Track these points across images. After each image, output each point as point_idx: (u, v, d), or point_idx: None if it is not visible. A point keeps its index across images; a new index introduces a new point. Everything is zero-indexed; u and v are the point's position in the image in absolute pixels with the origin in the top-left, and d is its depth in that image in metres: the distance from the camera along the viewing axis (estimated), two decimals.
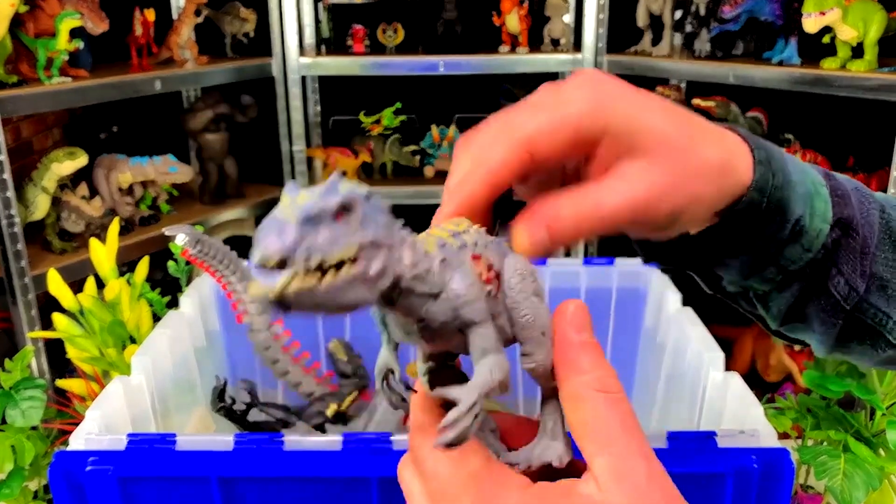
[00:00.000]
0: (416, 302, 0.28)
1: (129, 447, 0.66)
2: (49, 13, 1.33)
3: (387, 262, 0.27)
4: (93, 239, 1.12)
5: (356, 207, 0.26)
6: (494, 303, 0.30)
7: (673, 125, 0.34)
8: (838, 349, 0.41)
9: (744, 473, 0.65)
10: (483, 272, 0.30)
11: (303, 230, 0.24)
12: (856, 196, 0.39)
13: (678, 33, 1.66)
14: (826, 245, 0.37)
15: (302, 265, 0.24)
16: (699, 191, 0.34)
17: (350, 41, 1.74)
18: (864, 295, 0.38)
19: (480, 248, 0.31)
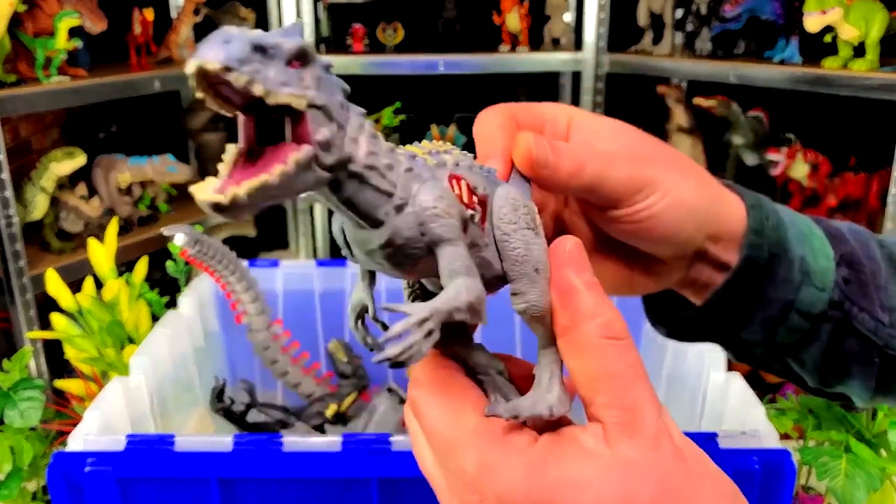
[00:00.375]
0: (371, 197, 0.26)
1: (127, 448, 0.66)
2: (48, 12, 1.33)
3: (335, 136, 0.24)
4: (91, 239, 1.11)
5: (313, 64, 0.24)
6: (479, 231, 0.28)
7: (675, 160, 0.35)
8: (879, 394, 0.39)
9: (745, 474, 0.65)
10: (463, 194, 0.28)
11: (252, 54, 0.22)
12: (850, 234, 0.39)
13: (679, 32, 1.66)
14: (838, 283, 0.37)
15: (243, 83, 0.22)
16: (690, 200, 0.34)
17: (349, 40, 1.74)
18: (891, 329, 0.37)
19: (462, 170, 0.28)
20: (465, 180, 0.28)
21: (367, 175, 0.26)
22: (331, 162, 0.24)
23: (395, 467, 0.66)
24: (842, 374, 0.38)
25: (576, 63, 1.69)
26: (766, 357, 0.39)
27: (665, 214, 0.33)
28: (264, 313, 1.01)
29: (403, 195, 0.26)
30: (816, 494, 1.07)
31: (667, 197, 0.33)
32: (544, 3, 1.73)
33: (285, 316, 1.10)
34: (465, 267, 0.26)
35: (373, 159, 0.26)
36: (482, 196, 0.28)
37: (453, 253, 0.26)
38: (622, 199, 0.33)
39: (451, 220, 0.26)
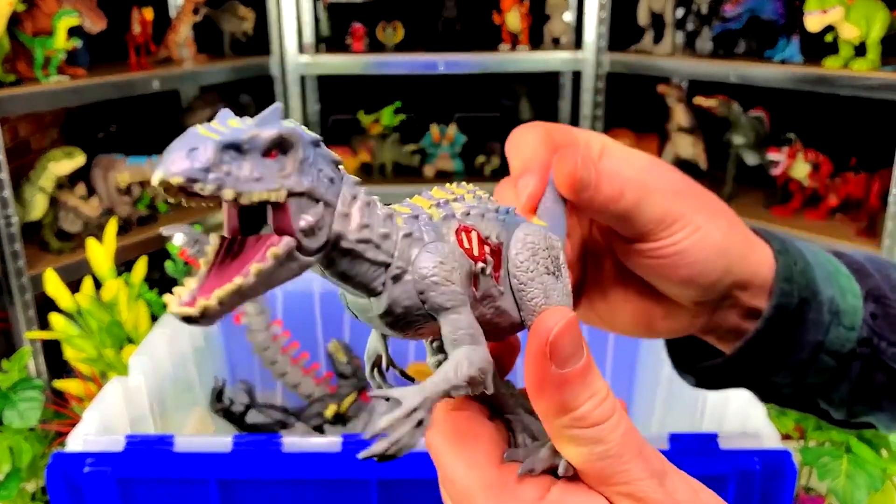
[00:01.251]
0: (365, 270, 0.25)
1: (127, 448, 0.66)
2: (47, 12, 1.33)
3: (321, 218, 0.23)
4: (90, 239, 1.11)
5: (295, 148, 0.23)
6: (491, 282, 0.26)
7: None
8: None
9: (746, 475, 0.64)
10: (473, 247, 0.26)
11: (222, 155, 0.21)
12: (872, 265, 0.38)
13: (680, 32, 1.65)
14: (866, 320, 0.36)
15: (209, 192, 0.21)
16: (718, 241, 0.33)
17: (349, 39, 1.73)
18: None
19: (474, 219, 0.27)
20: (476, 231, 0.27)
21: (359, 249, 0.24)
22: (317, 246, 0.23)
23: (394, 468, 0.65)
24: (870, 407, 0.38)
25: (576, 62, 1.69)
26: (794, 397, 0.38)
27: (691, 252, 0.33)
28: (264, 314, 1.01)
29: (401, 263, 0.25)
30: (817, 495, 1.06)
31: (695, 235, 0.33)
32: (544, 2, 1.73)
33: (285, 316, 1.10)
34: (468, 336, 0.25)
35: (365, 233, 0.24)
36: (496, 246, 0.27)
37: (455, 321, 0.25)
38: (652, 231, 0.32)
39: (452, 287, 0.25)
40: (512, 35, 1.68)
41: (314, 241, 0.23)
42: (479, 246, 0.26)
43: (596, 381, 0.25)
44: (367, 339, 0.31)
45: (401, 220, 0.26)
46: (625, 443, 0.25)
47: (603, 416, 0.25)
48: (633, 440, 0.25)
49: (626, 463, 0.25)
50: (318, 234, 0.23)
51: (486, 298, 0.27)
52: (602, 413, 0.25)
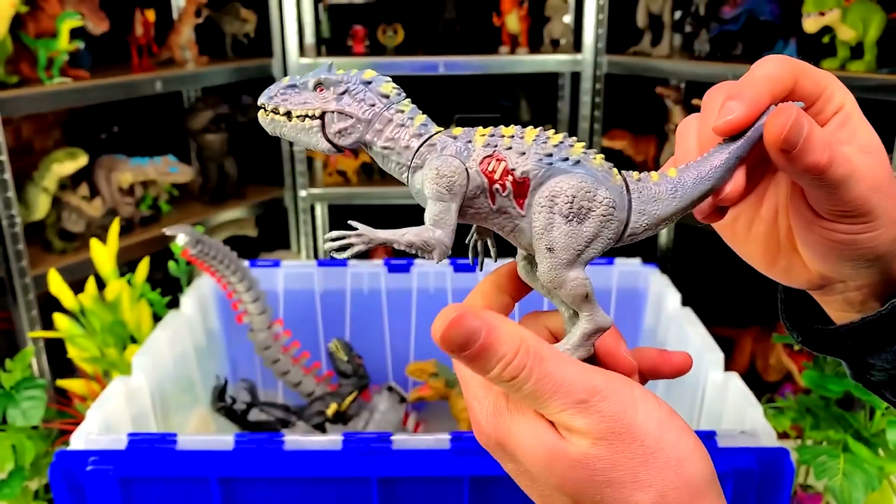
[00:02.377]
0: (391, 167, 0.35)
1: (129, 447, 0.66)
2: (50, 13, 1.33)
3: (351, 127, 0.35)
4: (93, 239, 1.12)
5: (336, 85, 0.35)
6: (509, 202, 0.34)
7: None
8: None
9: (744, 473, 0.65)
10: (497, 172, 0.34)
11: (284, 91, 0.36)
12: None
13: (678, 34, 1.66)
14: None
15: (272, 107, 0.35)
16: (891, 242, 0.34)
17: (350, 41, 1.74)
18: None
19: (511, 153, 0.34)
20: (506, 162, 0.34)
21: (384, 153, 0.35)
22: (346, 144, 0.35)
23: (395, 466, 0.66)
24: None
25: (575, 64, 1.69)
26: (881, 384, 0.39)
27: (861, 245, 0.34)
28: (265, 313, 1.02)
29: (419, 161, 0.35)
30: (815, 493, 1.07)
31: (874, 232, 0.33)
32: (544, 4, 1.74)
33: (286, 316, 1.11)
34: (433, 219, 0.33)
35: (389, 143, 0.35)
36: (521, 178, 0.34)
37: (431, 207, 0.33)
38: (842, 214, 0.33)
39: (435, 185, 0.33)
40: (511, 37, 1.69)
41: (344, 140, 0.35)
42: (502, 173, 0.34)
43: (500, 348, 0.30)
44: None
45: (440, 135, 0.35)
46: (538, 388, 0.30)
47: (512, 373, 0.30)
48: (546, 383, 0.30)
49: (545, 401, 0.31)
50: (346, 136, 0.35)
51: (503, 214, 0.34)
52: (511, 371, 0.30)
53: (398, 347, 1.14)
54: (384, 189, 1.71)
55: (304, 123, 0.35)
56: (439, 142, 0.35)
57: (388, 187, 1.73)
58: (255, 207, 1.77)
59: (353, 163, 1.77)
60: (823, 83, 0.34)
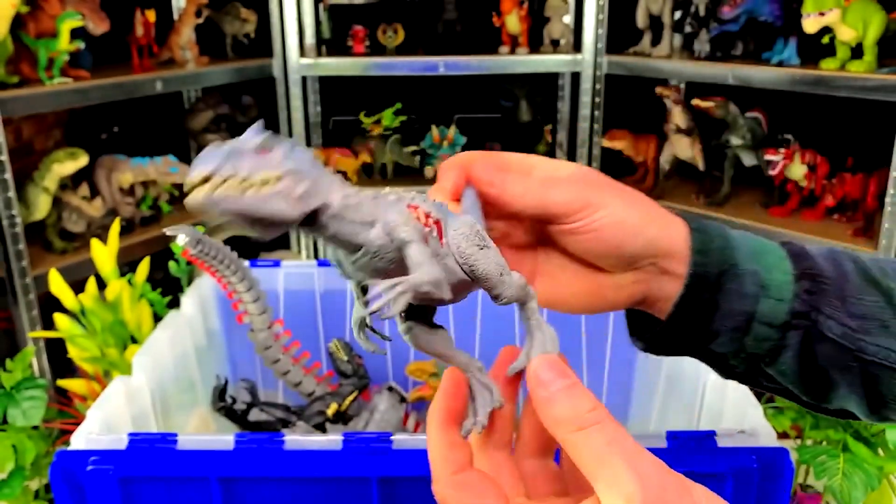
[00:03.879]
0: (349, 228, 0.33)
1: (129, 447, 0.66)
2: (50, 14, 1.34)
3: (313, 187, 0.31)
4: (94, 239, 1.12)
5: (276, 147, 0.31)
6: (438, 244, 0.35)
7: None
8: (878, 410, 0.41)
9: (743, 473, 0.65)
10: (420, 216, 0.34)
11: (227, 158, 0.30)
12: (820, 252, 0.42)
13: (678, 34, 1.66)
14: (800, 295, 0.40)
15: (220, 179, 0.30)
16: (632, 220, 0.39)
17: (350, 42, 1.74)
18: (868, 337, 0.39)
19: (418, 202, 0.35)
20: (422, 208, 0.35)
21: (345, 213, 0.33)
22: (312, 207, 0.31)
23: (395, 466, 0.66)
24: (825, 382, 0.41)
25: (575, 64, 1.69)
26: (748, 372, 0.42)
27: (608, 229, 0.39)
28: (265, 313, 1.02)
29: (373, 217, 0.33)
30: (814, 493, 1.07)
31: (608, 215, 0.39)
32: (544, 4, 1.74)
33: (286, 316, 1.11)
34: (426, 258, 0.33)
35: (347, 200, 0.33)
36: (437, 219, 0.35)
37: (416, 249, 0.33)
38: (566, 214, 0.39)
39: (408, 228, 0.33)
40: (511, 37, 1.69)
41: (310, 202, 0.31)
42: (424, 217, 0.35)
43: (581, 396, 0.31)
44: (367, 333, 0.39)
45: (366, 193, 0.34)
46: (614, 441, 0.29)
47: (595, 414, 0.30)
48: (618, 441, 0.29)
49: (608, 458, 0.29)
50: (312, 198, 0.31)
51: (436, 256, 0.34)
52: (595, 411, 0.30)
53: (398, 347, 1.14)
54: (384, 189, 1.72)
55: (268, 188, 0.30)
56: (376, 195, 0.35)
57: (389, 187, 1.73)
58: None
59: (353, 163, 1.77)
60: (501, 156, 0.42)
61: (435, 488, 0.32)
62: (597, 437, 0.29)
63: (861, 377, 0.40)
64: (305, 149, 0.32)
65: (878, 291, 0.40)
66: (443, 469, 0.32)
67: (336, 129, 1.93)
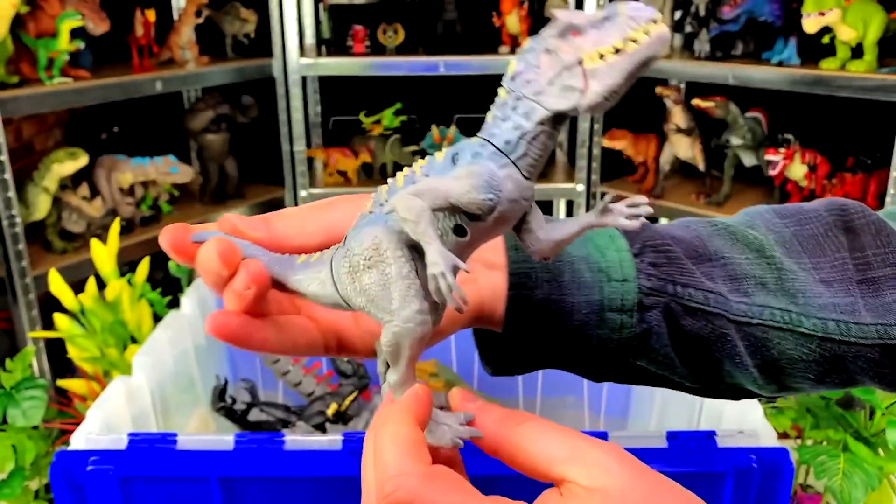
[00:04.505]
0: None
1: (129, 447, 0.66)
2: (50, 13, 1.33)
3: None
4: (94, 239, 1.12)
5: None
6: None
7: None
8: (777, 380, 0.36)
9: (743, 473, 0.65)
10: None
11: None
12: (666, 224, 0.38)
13: (678, 34, 1.66)
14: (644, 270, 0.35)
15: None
16: None
17: (350, 42, 1.74)
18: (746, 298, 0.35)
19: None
20: None
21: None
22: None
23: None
24: (705, 361, 0.36)
25: None
26: (619, 369, 0.37)
27: None
28: None
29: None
30: (815, 493, 1.07)
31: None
32: (544, 4, 1.74)
33: None
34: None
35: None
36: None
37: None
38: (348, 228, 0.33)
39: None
40: (512, 37, 1.69)
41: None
42: None
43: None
44: None
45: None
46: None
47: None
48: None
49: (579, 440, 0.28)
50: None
51: None
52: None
53: None
54: None
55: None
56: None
57: None
58: (256, 207, 1.77)
59: (353, 163, 1.77)
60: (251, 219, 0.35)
61: (402, 483, 0.28)
62: (545, 424, 0.28)
63: (746, 345, 0.35)
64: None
65: (747, 248, 0.36)
66: (413, 464, 0.28)
67: (336, 129, 1.93)
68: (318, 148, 1.84)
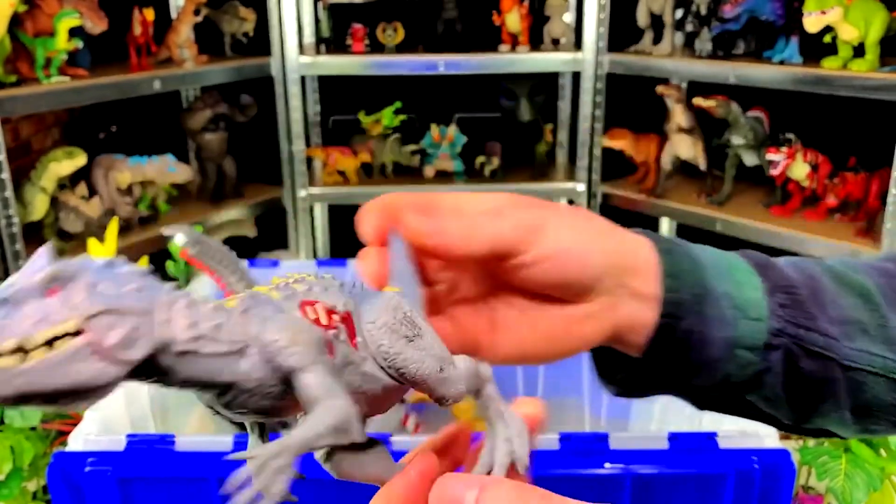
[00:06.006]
0: (213, 365, 0.24)
1: (128, 448, 0.66)
2: (48, 12, 1.33)
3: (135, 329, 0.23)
4: (91, 239, 1.11)
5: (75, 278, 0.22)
6: (349, 348, 0.27)
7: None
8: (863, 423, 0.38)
9: (745, 474, 0.65)
10: (321, 316, 0.27)
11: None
12: (782, 261, 0.39)
13: (679, 32, 1.66)
14: (774, 311, 0.36)
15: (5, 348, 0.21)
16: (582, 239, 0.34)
17: (350, 40, 1.74)
18: (850, 343, 0.36)
19: (317, 294, 0.27)
20: (321, 303, 0.27)
21: (193, 348, 0.24)
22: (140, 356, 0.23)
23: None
24: (810, 401, 0.37)
25: (576, 63, 1.69)
26: (728, 401, 0.38)
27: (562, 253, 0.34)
28: None
29: (243, 340, 0.25)
30: (816, 494, 1.07)
31: (556, 234, 0.34)
32: (544, 3, 1.73)
33: None
34: (324, 391, 0.25)
35: (194, 331, 0.24)
36: (344, 314, 0.28)
37: (309, 379, 0.25)
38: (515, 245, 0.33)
39: (298, 348, 0.25)
40: (512, 36, 1.69)
41: (134, 352, 0.23)
42: (326, 315, 0.27)
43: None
44: None
45: (235, 303, 0.26)
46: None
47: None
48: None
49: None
50: (138, 344, 0.23)
51: (349, 365, 0.27)
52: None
53: None
54: (384, 189, 1.71)
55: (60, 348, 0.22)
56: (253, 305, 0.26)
57: (389, 186, 1.73)
58: (254, 207, 1.76)
59: (353, 162, 1.77)
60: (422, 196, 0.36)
61: None
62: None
63: (846, 388, 0.37)
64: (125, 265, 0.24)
65: (853, 292, 0.37)
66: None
67: (335, 128, 1.92)
68: (318, 147, 1.84)
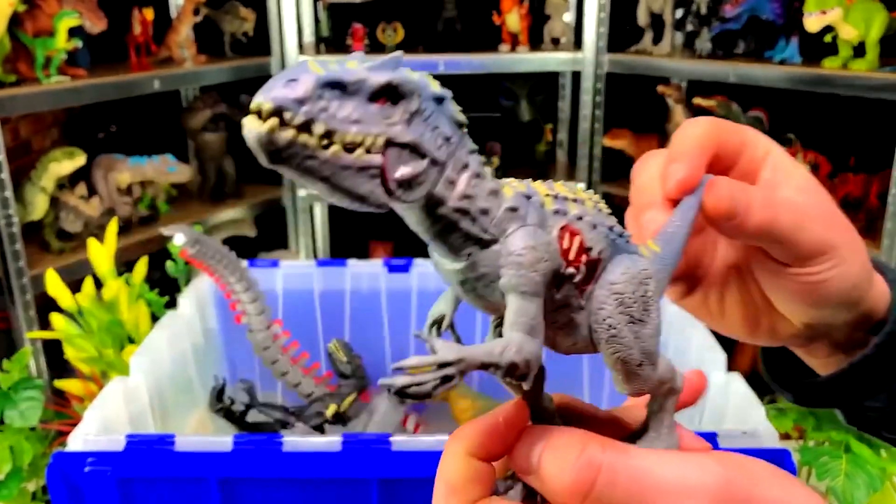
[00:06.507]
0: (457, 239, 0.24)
1: (127, 448, 0.66)
2: (47, 12, 1.33)
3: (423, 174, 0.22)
4: (91, 239, 1.11)
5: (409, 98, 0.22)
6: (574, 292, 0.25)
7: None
8: None
9: None
10: (572, 249, 0.25)
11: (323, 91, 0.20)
12: None
13: (679, 32, 1.65)
14: None
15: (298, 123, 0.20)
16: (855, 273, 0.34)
17: (349, 40, 1.74)
18: None
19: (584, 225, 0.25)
20: (582, 237, 0.25)
21: (454, 219, 0.24)
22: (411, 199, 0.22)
23: (394, 467, 0.66)
24: None
25: (576, 63, 1.69)
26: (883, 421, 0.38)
27: (833, 284, 0.33)
28: (264, 313, 1.01)
29: (495, 232, 0.24)
30: None
31: (839, 267, 0.33)
32: (544, 2, 1.73)
33: (285, 316, 1.10)
34: (528, 325, 0.24)
35: (465, 203, 0.24)
36: (594, 258, 0.26)
37: (522, 307, 0.24)
38: (804, 259, 0.32)
39: (531, 274, 0.24)
40: (512, 35, 1.69)
41: (409, 194, 0.22)
42: (577, 252, 0.25)
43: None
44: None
45: (511, 193, 0.25)
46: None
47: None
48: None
49: None
50: (415, 188, 0.22)
51: (563, 307, 0.26)
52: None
53: (398, 348, 1.14)
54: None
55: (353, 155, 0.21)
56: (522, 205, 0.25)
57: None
58: (254, 207, 1.76)
59: None
60: (744, 135, 0.35)
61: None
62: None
63: None
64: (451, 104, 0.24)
65: None
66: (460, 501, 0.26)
67: None
68: None
